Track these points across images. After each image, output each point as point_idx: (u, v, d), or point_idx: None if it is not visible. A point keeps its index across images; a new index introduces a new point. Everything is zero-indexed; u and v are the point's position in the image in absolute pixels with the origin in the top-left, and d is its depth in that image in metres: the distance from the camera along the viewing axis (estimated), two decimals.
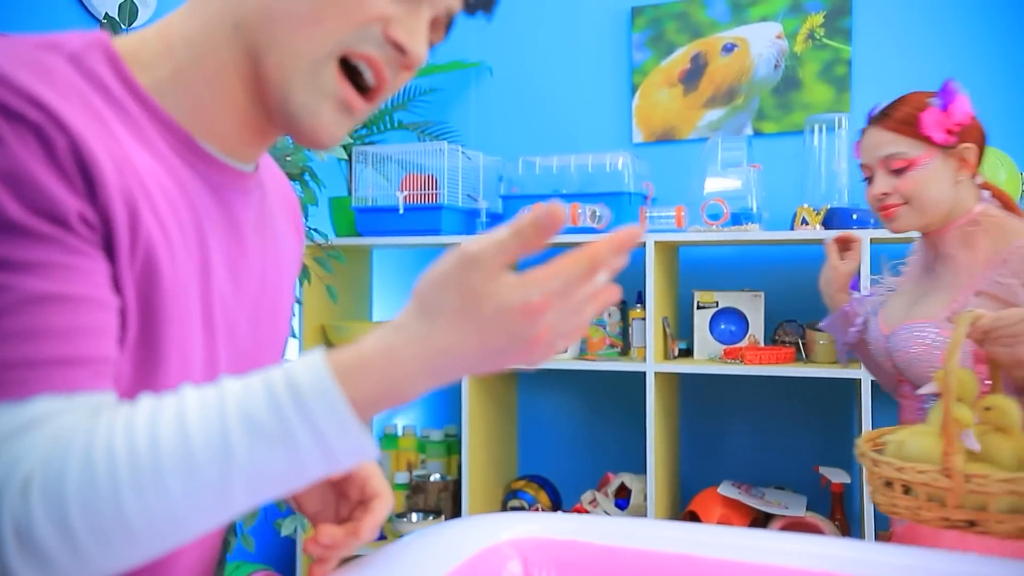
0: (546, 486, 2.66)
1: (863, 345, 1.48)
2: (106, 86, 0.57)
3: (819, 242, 2.32)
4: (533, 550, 0.74)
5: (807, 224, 2.19)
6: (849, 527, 2.34)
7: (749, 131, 2.63)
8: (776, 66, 2.62)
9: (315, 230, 2.12)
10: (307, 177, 2.08)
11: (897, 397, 1.40)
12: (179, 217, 0.58)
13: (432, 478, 2.58)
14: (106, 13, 2.02)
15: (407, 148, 2.56)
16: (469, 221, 2.53)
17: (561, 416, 2.85)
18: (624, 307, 2.43)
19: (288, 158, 2.01)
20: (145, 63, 0.60)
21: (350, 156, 2.59)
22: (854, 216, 2.16)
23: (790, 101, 2.61)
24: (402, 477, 2.68)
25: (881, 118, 1.32)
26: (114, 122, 0.56)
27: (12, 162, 0.49)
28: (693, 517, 2.35)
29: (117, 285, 0.52)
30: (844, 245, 1.50)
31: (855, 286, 1.57)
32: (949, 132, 1.27)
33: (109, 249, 0.52)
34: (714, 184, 2.24)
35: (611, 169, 2.36)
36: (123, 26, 1.82)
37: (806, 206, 2.20)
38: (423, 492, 2.52)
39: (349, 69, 0.60)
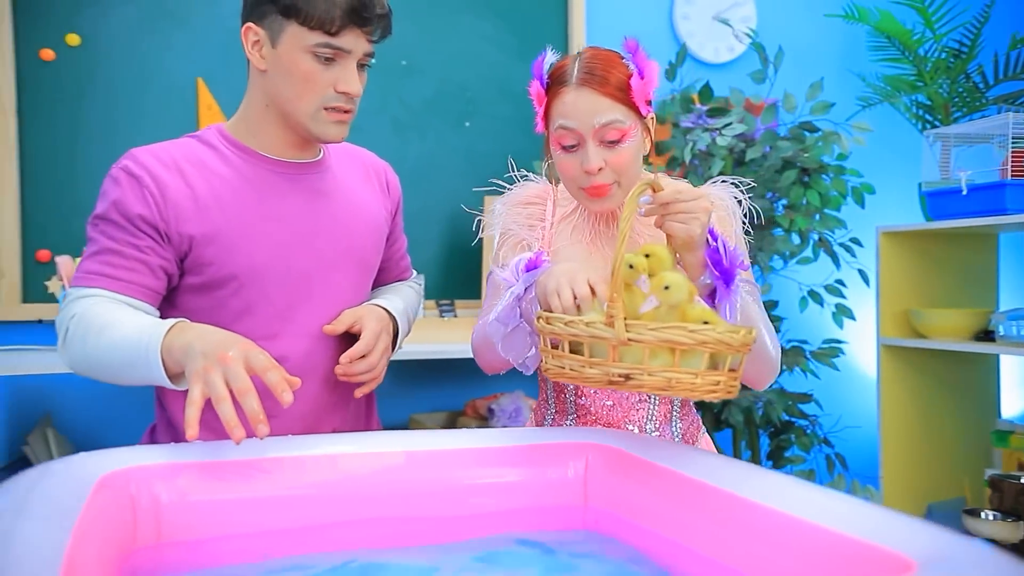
0: None
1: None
2: (210, 141, 1.17)
3: None
4: None
5: None
6: None
7: None
8: None
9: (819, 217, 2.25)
10: (830, 171, 2.26)
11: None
12: (238, 194, 1.13)
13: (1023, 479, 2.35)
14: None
15: (985, 124, 2.39)
16: None
17: None
18: None
19: (805, 155, 2.23)
20: (232, 125, 1.20)
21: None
22: None
23: None
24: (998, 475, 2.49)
25: (592, 79, 1.13)
26: (204, 162, 1.13)
27: (121, 194, 1.08)
28: None
29: (165, 250, 1.09)
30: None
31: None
32: (647, 101, 1.16)
33: (163, 235, 1.09)
34: None
35: None
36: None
37: None
38: (999, 491, 2.33)
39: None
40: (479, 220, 1.31)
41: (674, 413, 1.27)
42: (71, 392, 2.10)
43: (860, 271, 2.36)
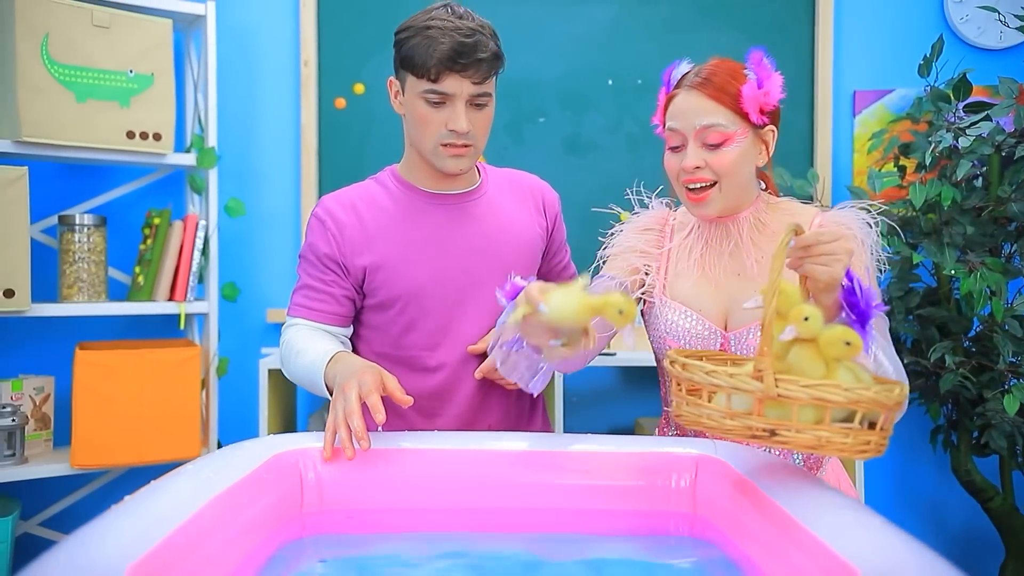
0: None
1: None
2: (384, 180, 1.40)
3: None
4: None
5: None
6: None
7: None
8: None
9: None
10: None
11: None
12: (400, 225, 1.35)
13: None
14: None
15: None
16: None
17: None
18: None
19: None
20: (400, 166, 1.42)
21: None
22: None
23: None
24: None
25: (700, 83, 1.19)
26: (376, 200, 1.36)
27: (313, 238, 1.35)
28: None
29: (346, 281, 1.34)
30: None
31: None
32: (762, 111, 1.20)
33: (343, 268, 1.33)
34: None
35: None
36: None
37: None
38: None
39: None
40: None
41: None
42: None
43: None
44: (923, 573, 0.67)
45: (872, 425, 0.89)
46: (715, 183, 1.21)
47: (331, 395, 1.23)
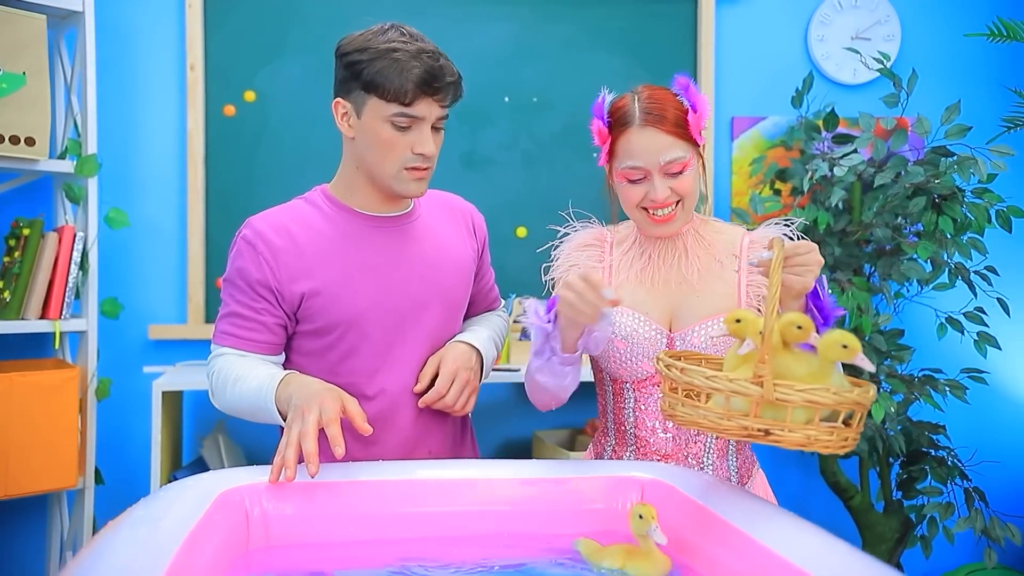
0: None
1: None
2: (315, 201, 1.35)
3: None
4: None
5: None
6: None
7: None
8: None
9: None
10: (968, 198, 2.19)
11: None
12: (339, 249, 1.31)
13: None
14: None
15: None
16: None
17: None
18: None
19: (936, 180, 2.18)
20: (333, 186, 1.37)
21: None
22: None
23: None
24: None
25: (655, 120, 1.26)
26: (309, 222, 1.31)
27: (242, 262, 1.28)
28: None
29: (279, 308, 1.29)
30: None
31: None
32: (700, 132, 1.29)
33: (277, 295, 1.28)
34: None
35: None
36: None
37: None
38: None
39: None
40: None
41: (730, 449, 1.35)
42: None
43: (999, 299, 2.27)
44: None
45: (846, 423, 0.97)
46: (679, 201, 1.29)
47: (284, 420, 1.19)
